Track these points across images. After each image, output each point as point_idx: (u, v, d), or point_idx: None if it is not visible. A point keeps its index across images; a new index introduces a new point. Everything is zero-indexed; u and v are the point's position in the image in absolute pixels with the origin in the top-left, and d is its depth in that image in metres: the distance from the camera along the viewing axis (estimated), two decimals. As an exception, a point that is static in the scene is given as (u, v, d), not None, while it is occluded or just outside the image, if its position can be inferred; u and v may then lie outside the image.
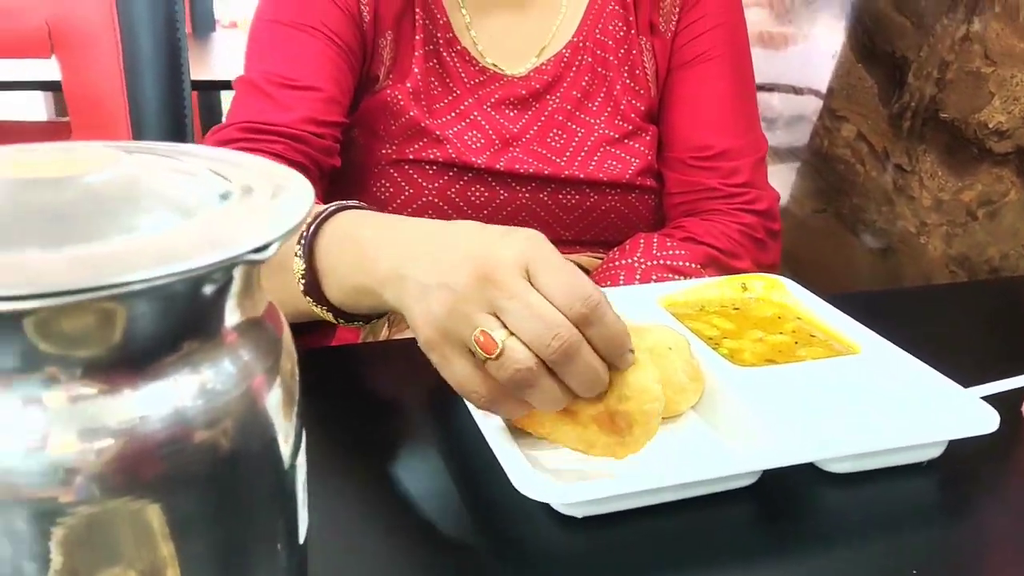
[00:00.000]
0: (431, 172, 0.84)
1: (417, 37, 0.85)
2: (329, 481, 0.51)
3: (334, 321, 0.62)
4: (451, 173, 0.84)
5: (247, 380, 0.27)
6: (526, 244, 0.48)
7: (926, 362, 0.58)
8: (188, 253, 0.23)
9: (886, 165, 1.12)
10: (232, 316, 0.27)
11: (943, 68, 1.02)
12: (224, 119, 0.82)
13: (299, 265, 0.59)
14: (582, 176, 0.87)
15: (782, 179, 1.34)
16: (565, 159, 0.87)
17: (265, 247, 0.25)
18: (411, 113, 0.83)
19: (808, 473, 0.53)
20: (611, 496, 0.47)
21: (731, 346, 0.63)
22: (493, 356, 0.46)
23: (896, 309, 0.82)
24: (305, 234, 0.59)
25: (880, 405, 0.55)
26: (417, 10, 0.85)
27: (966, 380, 0.57)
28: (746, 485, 0.51)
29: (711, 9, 0.90)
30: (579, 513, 0.48)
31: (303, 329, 0.67)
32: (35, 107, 1.95)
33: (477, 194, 0.86)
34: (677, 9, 0.90)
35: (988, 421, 0.52)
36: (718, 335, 0.65)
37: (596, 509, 0.48)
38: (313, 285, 0.59)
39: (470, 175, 0.85)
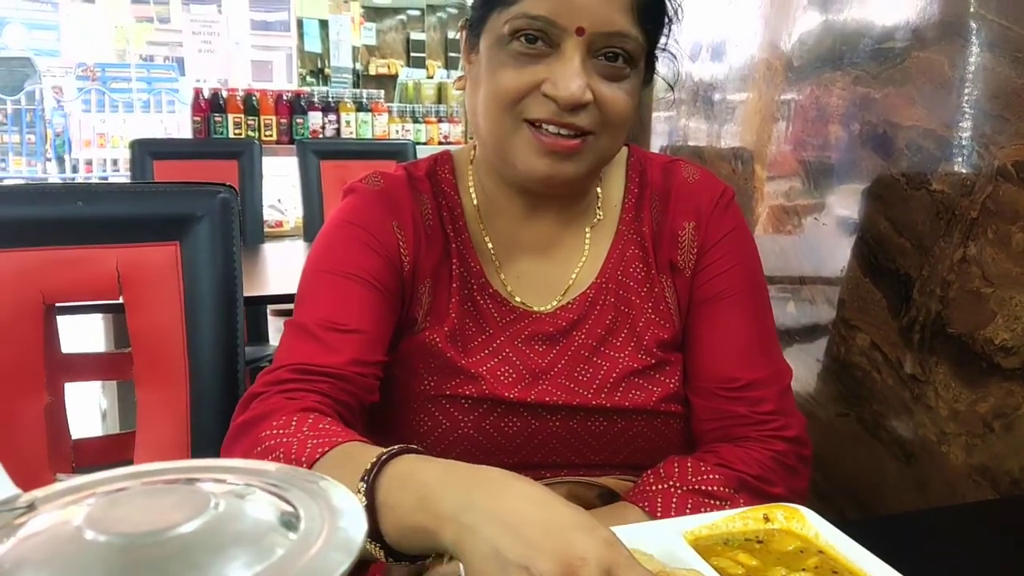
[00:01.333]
0: (466, 406, 0.90)
1: (453, 285, 0.94)
2: None
3: (383, 560, 0.63)
4: (485, 406, 0.90)
5: None
6: (608, 550, 0.52)
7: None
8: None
9: (901, 374, 1.16)
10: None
11: (945, 287, 1.09)
12: (273, 356, 0.89)
13: (360, 500, 0.62)
14: (609, 405, 0.92)
15: (806, 371, 1.38)
16: (592, 391, 0.92)
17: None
18: (448, 354, 0.90)
19: None
20: None
21: (755, 586, 0.66)
22: None
23: (919, 532, 0.84)
24: (369, 471, 0.62)
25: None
26: (454, 260, 0.94)
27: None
28: None
29: (726, 251, 0.97)
30: None
31: None
32: (94, 329, 2.09)
33: (510, 425, 0.91)
34: (695, 250, 0.97)
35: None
36: (743, 573, 0.68)
37: None
38: (370, 521, 0.61)
39: (503, 408, 0.91)
